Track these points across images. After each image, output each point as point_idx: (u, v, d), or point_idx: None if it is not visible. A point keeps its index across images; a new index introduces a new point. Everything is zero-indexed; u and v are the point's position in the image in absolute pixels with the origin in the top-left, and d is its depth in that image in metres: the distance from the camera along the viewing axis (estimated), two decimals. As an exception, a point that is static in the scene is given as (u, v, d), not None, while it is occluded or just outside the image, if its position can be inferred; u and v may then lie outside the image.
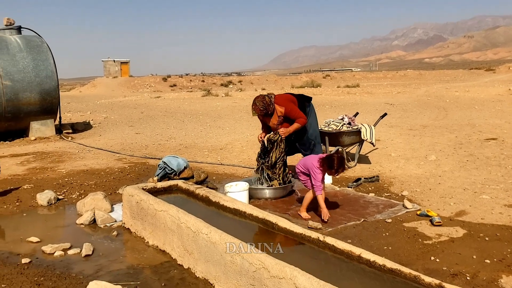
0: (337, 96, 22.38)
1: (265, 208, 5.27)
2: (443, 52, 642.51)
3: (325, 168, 4.82)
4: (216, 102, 22.07)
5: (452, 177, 6.37)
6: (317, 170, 4.84)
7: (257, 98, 5.94)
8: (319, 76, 59.03)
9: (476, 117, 12.72)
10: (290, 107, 5.99)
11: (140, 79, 53.79)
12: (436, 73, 65.70)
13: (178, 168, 6.10)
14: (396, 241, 4.21)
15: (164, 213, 4.13)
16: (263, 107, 5.86)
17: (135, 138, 11.15)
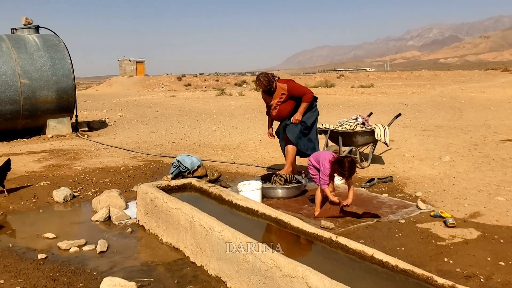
0: (350, 96, 22.29)
1: (277, 208, 5.28)
2: (459, 52, 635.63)
3: (336, 168, 4.83)
4: (229, 101, 22.12)
5: (467, 178, 6.32)
6: (327, 165, 4.86)
7: (261, 74, 6.03)
8: (333, 76, 58.84)
9: (491, 118, 12.59)
10: (292, 83, 6.06)
11: (155, 78, 54.13)
12: (451, 73, 65.05)
13: (191, 166, 6.15)
14: (409, 242, 4.19)
15: (178, 211, 4.17)
16: (267, 82, 5.93)
17: (150, 137, 11.24)
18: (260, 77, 5.98)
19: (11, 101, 10.74)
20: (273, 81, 5.98)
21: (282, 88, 6.01)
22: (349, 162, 4.80)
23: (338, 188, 6.10)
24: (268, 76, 5.98)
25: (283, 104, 6.10)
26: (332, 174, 4.93)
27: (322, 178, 4.89)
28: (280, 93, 6.02)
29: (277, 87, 6.00)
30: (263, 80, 5.94)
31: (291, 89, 5.99)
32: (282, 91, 6.01)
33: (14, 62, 10.83)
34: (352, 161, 4.90)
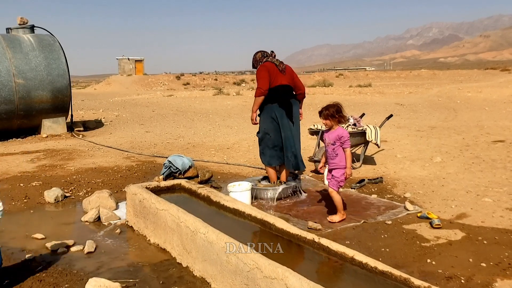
0: (348, 96, 22.31)
1: (268, 208, 5.35)
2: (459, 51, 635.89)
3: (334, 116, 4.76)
4: (226, 101, 22.15)
5: (456, 179, 6.36)
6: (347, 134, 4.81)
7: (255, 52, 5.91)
8: (332, 75, 58.87)
9: (485, 119, 12.63)
10: (259, 70, 5.65)
11: (154, 77, 54.13)
12: (450, 73, 65.07)
13: (183, 167, 6.19)
14: (394, 243, 4.23)
15: (165, 212, 4.21)
16: (253, 61, 5.87)
17: (144, 137, 11.28)
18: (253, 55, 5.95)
19: (6, 101, 10.77)
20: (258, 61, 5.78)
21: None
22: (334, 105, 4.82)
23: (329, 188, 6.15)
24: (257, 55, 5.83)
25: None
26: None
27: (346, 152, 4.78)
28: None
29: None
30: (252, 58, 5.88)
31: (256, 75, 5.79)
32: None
33: (9, 62, 10.86)
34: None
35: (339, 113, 4.80)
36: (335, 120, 4.80)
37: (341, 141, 4.78)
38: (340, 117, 4.81)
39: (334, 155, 4.84)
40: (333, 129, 4.85)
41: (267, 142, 5.76)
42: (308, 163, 7.55)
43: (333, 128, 4.85)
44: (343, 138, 4.77)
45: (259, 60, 5.74)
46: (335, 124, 4.83)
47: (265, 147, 5.81)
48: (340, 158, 4.81)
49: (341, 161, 4.81)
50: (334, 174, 4.88)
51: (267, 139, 5.75)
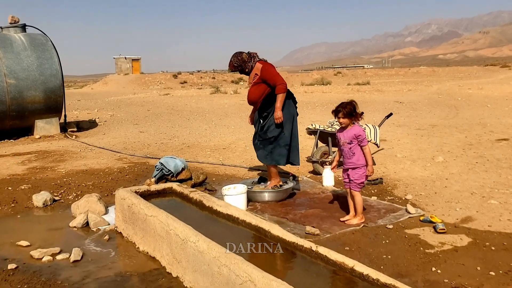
0: (346, 94, 22.07)
1: (263, 212, 5.13)
2: (458, 48, 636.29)
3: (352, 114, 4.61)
4: (224, 99, 21.92)
5: (460, 180, 6.14)
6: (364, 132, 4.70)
7: (234, 54, 5.53)
8: (330, 73, 58.64)
9: (488, 116, 12.40)
10: (268, 67, 5.44)
11: (151, 76, 53.92)
12: (450, 69, 64.93)
13: (175, 169, 5.95)
14: (396, 249, 4.01)
15: (154, 218, 3.99)
16: (237, 63, 5.48)
17: (138, 137, 11.04)
18: (232, 57, 5.51)
19: (-3, 101, 10.52)
20: (247, 61, 5.45)
21: (257, 69, 5.46)
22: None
23: (327, 190, 5.93)
24: (241, 56, 5.45)
25: (254, 87, 5.50)
26: None
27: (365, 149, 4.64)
28: (254, 74, 5.48)
29: (254, 67, 5.47)
30: (233, 60, 5.48)
31: (263, 72, 5.41)
32: (256, 71, 5.45)
33: (0, 61, 10.61)
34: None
35: (356, 111, 4.66)
36: (352, 118, 4.65)
37: (359, 139, 4.63)
38: (356, 115, 4.66)
39: (351, 154, 4.68)
40: (348, 127, 4.70)
41: (279, 140, 5.54)
42: (306, 164, 7.33)
43: (348, 126, 4.69)
44: (361, 137, 4.62)
45: (247, 61, 5.48)
46: (350, 122, 4.67)
47: (276, 146, 5.56)
48: (358, 157, 4.66)
49: (359, 160, 4.66)
50: (350, 174, 4.71)
51: (282, 137, 5.53)
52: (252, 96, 5.56)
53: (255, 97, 5.54)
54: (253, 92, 5.53)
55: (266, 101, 5.51)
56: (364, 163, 4.67)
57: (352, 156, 4.68)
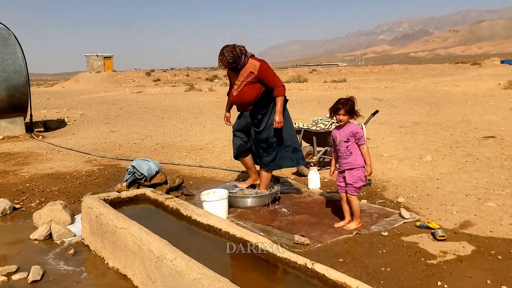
0: (323, 92, 21.82)
1: (246, 219, 4.69)
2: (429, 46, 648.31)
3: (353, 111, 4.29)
4: (199, 97, 21.38)
5: (451, 181, 5.82)
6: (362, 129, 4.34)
7: (226, 48, 4.78)
8: (305, 71, 58.53)
9: (470, 113, 12.22)
10: (266, 65, 4.90)
11: (124, 73, 52.90)
12: (423, 67, 65.58)
13: (149, 173, 5.45)
14: (395, 261, 3.63)
15: (125, 231, 3.51)
16: (232, 58, 4.75)
17: (109, 137, 10.45)
18: (224, 52, 4.76)
19: (-45, 100, 9.78)
20: (241, 57, 4.80)
21: (253, 66, 4.84)
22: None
23: (314, 193, 5.54)
24: (235, 50, 4.77)
25: (249, 86, 4.88)
26: None
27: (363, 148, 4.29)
28: (248, 71, 4.85)
29: (248, 63, 4.85)
30: (227, 55, 4.73)
31: (262, 71, 4.85)
32: (252, 69, 4.84)
33: (-43, 57, 9.87)
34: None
35: (355, 108, 4.33)
36: (352, 115, 4.31)
37: (356, 137, 4.27)
38: (356, 112, 4.33)
39: (348, 154, 4.31)
40: (344, 125, 4.34)
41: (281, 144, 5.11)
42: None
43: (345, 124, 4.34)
44: (359, 134, 4.25)
45: (240, 57, 4.82)
46: (348, 120, 4.34)
47: (279, 150, 5.10)
48: (355, 156, 4.29)
49: (356, 160, 4.29)
50: (347, 177, 4.34)
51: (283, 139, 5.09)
52: (247, 96, 4.94)
53: (250, 98, 4.93)
54: (248, 92, 4.92)
55: (260, 103, 4.99)
56: (362, 163, 4.29)
57: (349, 156, 4.31)
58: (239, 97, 4.97)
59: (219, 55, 4.78)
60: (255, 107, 4.99)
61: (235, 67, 4.81)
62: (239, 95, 4.95)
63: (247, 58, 4.86)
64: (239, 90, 4.93)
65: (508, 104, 13.88)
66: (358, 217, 4.38)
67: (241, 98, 4.96)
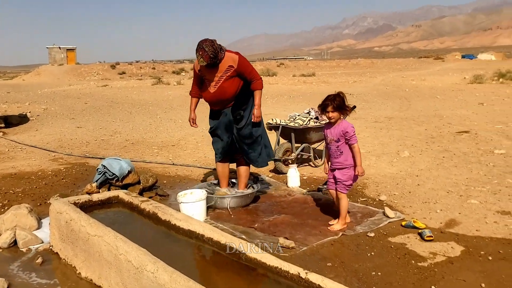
0: (294, 86, 21.72)
1: (226, 221, 4.48)
2: (392, 41, 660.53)
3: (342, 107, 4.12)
4: (167, 91, 20.92)
5: (431, 177, 5.76)
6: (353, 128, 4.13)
7: (205, 42, 4.43)
8: (273, 65, 58.43)
9: (441, 108, 12.30)
10: (244, 58, 4.68)
11: (87, 66, 51.59)
12: (388, 61, 66.51)
13: (120, 172, 5.15)
14: (384, 264, 3.49)
15: (99, 239, 3.24)
16: (213, 53, 4.41)
17: (75, 133, 10.00)
18: (204, 46, 4.41)
19: None
20: (219, 51, 4.51)
21: (231, 59, 4.58)
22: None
23: (294, 192, 5.36)
24: (214, 44, 4.46)
25: (228, 81, 4.60)
26: None
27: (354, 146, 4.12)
28: (227, 65, 4.57)
29: (225, 57, 4.56)
30: (208, 50, 4.39)
31: (242, 64, 4.61)
32: (231, 63, 4.57)
33: None
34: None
35: (345, 104, 4.14)
36: (342, 112, 4.14)
37: (347, 137, 4.09)
38: (347, 108, 4.14)
39: (339, 154, 4.16)
40: (336, 123, 4.17)
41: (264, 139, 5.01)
42: (267, 162, 6.75)
43: (336, 122, 4.17)
44: (349, 134, 4.08)
45: (220, 49, 4.54)
46: (339, 117, 4.16)
47: (263, 145, 4.99)
48: (346, 156, 4.14)
49: (347, 160, 4.14)
50: (337, 175, 4.19)
51: (264, 134, 5.00)
52: (228, 92, 4.66)
53: (231, 93, 4.68)
54: (229, 88, 4.65)
55: (240, 98, 4.77)
56: (352, 163, 4.15)
57: (340, 156, 4.16)
58: (219, 94, 4.68)
59: (199, 51, 4.42)
60: (235, 103, 4.77)
61: (215, 63, 4.51)
62: (219, 91, 4.66)
63: (223, 52, 4.59)
64: (219, 86, 4.64)
65: (476, 99, 14.10)
66: (344, 217, 4.24)
67: (222, 94, 4.68)
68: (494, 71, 24.15)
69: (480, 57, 68.37)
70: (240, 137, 4.85)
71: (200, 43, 4.45)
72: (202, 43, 4.43)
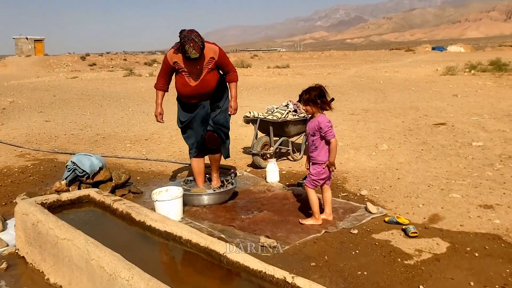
0: (269, 78, 21.54)
1: (204, 219, 4.29)
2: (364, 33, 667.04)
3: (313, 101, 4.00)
4: (139, 83, 20.47)
5: (411, 170, 5.68)
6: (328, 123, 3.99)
7: (192, 33, 4.15)
8: (247, 56, 58.14)
9: (416, 100, 12.31)
10: (222, 50, 4.53)
11: (56, 58, 50.32)
12: (360, 53, 67.04)
13: (91, 169, 4.90)
14: (370, 262, 3.37)
15: (69, 242, 3.02)
16: (202, 44, 4.17)
17: (44, 127, 9.59)
18: (193, 37, 4.11)
19: None
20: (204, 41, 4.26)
21: (212, 51, 4.38)
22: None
23: (273, 187, 5.21)
24: (200, 35, 4.20)
25: (210, 73, 4.43)
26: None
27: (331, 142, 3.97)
28: (209, 57, 4.36)
29: (206, 48, 4.31)
30: (198, 41, 4.12)
31: (222, 55, 4.41)
32: (212, 54, 4.38)
33: None
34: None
35: (322, 98, 4.02)
36: (316, 106, 4.01)
37: (321, 132, 3.97)
38: (322, 102, 4.02)
39: (313, 148, 4.07)
40: (314, 116, 4.07)
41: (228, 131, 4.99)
42: (244, 156, 6.58)
43: (314, 115, 4.07)
44: (323, 130, 3.95)
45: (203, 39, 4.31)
46: (317, 111, 4.04)
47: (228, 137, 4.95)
48: (319, 152, 4.03)
49: (319, 156, 4.03)
50: (310, 170, 4.11)
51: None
52: (211, 84, 4.50)
53: (213, 85, 4.53)
54: (211, 80, 4.48)
55: (218, 90, 4.64)
56: (325, 160, 4.03)
57: (314, 150, 4.07)
58: (202, 87, 4.47)
59: (189, 42, 4.10)
60: (214, 96, 4.62)
61: (201, 54, 4.24)
62: (202, 84, 4.45)
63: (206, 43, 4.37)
64: (201, 79, 4.42)
65: (450, 90, 14.19)
66: (315, 212, 4.13)
67: (205, 87, 4.48)
68: (465, 63, 24.49)
69: (450, 49, 69.59)
70: (217, 125, 4.73)
71: (188, 34, 4.15)
72: (190, 34, 4.14)
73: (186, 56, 4.19)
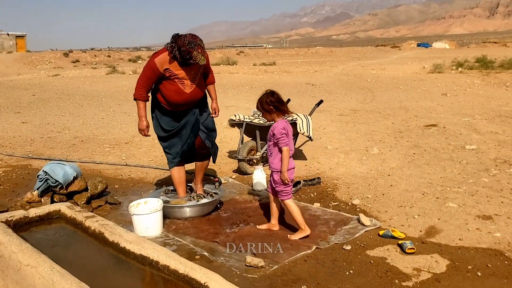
0: (255, 75, 21.19)
1: (185, 234, 3.98)
2: (350, 29, 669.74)
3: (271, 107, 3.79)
4: (122, 81, 19.98)
5: (404, 177, 5.44)
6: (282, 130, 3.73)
7: (197, 38, 3.96)
8: (233, 53, 57.72)
9: (405, 99, 12.10)
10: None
11: (39, 54, 49.33)
12: (346, 50, 66.98)
13: (65, 179, 4.56)
14: (366, 284, 3.11)
15: (32, 270, 2.70)
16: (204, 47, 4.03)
17: (19, 130, 9.16)
18: (199, 42, 3.92)
19: None
20: None
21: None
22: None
23: (259, 195, 4.92)
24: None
25: (201, 79, 4.28)
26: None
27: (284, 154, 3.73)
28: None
29: None
30: (203, 45, 3.96)
31: (208, 58, 4.19)
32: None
33: None
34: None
35: (274, 103, 3.80)
36: (271, 112, 3.82)
37: (274, 139, 3.77)
38: (276, 108, 3.80)
39: (269, 154, 3.89)
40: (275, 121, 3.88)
41: None
42: (230, 161, 6.28)
43: (275, 120, 3.87)
44: (276, 136, 3.74)
45: None
46: (276, 116, 3.83)
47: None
48: (273, 158, 3.84)
49: (273, 163, 3.85)
50: (274, 178, 3.86)
51: None
52: (202, 90, 4.37)
53: (204, 90, 4.43)
54: (202, 85, 4.35)
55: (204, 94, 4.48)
56: (278, 168, 3.80)
57: (269, 157, 3.90)
58: (195, 93, 4.26)
59: (197, 49, 3.86)
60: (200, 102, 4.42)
61: None
62: (196, 90, 4.25)
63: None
64: (196, 85, 4.22)
65: (438, 89, 14.02)
66: (300, 224, 3.86)
67: (197, 94, 4.29)
68: (451, 60, 24.43)
69: (435, 46, 69.97)
70: (208, 130, 4.51)
71: (192, 39, 3.90)
72: (195, 39, 3.90)
73: (190, 62, 3.94)
